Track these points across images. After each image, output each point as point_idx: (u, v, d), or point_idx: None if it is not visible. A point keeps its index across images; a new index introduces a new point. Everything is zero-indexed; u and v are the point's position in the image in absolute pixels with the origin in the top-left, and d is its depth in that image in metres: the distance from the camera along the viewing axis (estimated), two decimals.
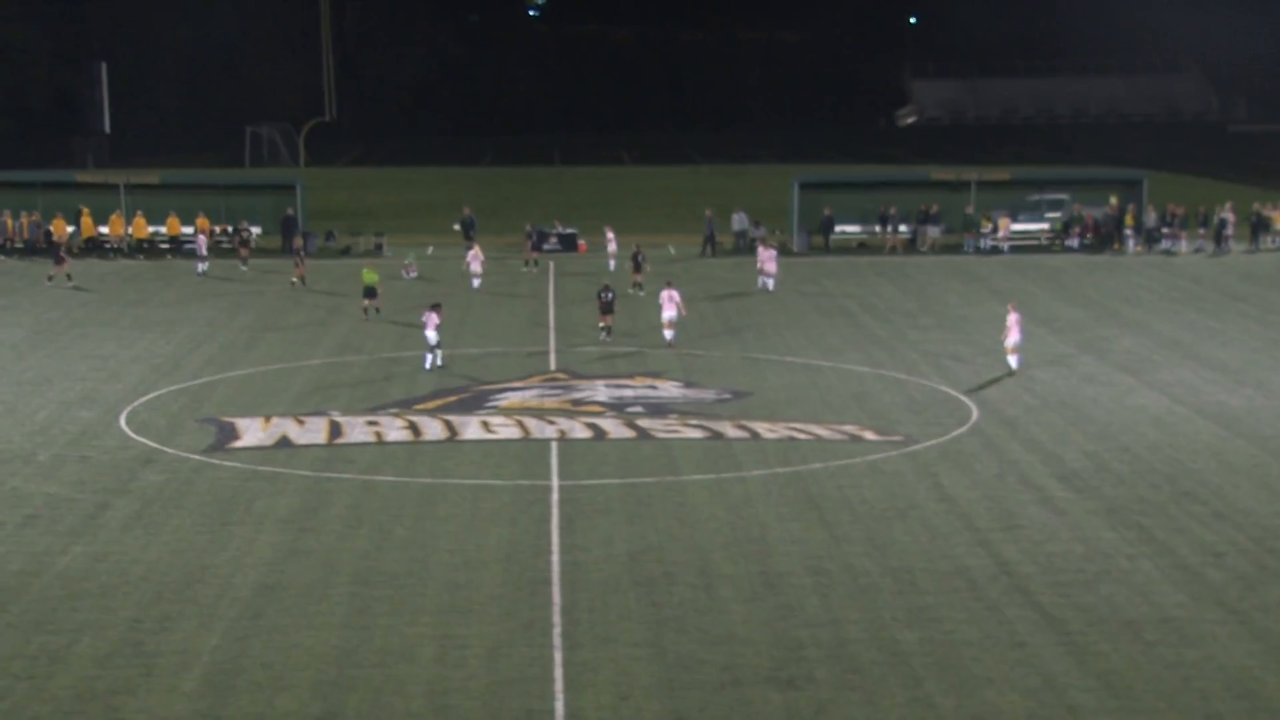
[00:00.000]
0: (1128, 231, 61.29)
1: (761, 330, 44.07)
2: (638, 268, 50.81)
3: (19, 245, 60.16)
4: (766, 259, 52.03)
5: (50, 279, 52.22)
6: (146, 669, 19.76)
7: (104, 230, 61.47)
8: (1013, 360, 38.04)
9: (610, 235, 57.76)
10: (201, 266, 56.11)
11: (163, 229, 61.45)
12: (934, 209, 62.34)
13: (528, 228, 59.74)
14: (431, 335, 38.31)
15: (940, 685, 19.28)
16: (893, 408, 34.28)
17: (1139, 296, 50.28)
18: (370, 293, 46.51)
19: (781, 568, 23.46)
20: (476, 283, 52.55)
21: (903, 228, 61.97)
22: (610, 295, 42.60)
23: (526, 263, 57.32)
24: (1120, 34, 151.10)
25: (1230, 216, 60.80)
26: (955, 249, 61.31)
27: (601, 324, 42.59)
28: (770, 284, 51.48)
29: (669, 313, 41.50)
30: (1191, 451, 30.43)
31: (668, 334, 41.57)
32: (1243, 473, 28.94)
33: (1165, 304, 48.75)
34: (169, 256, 59.90)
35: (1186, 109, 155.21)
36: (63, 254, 53.86)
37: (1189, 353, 40.55)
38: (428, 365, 38.40)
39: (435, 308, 38.94)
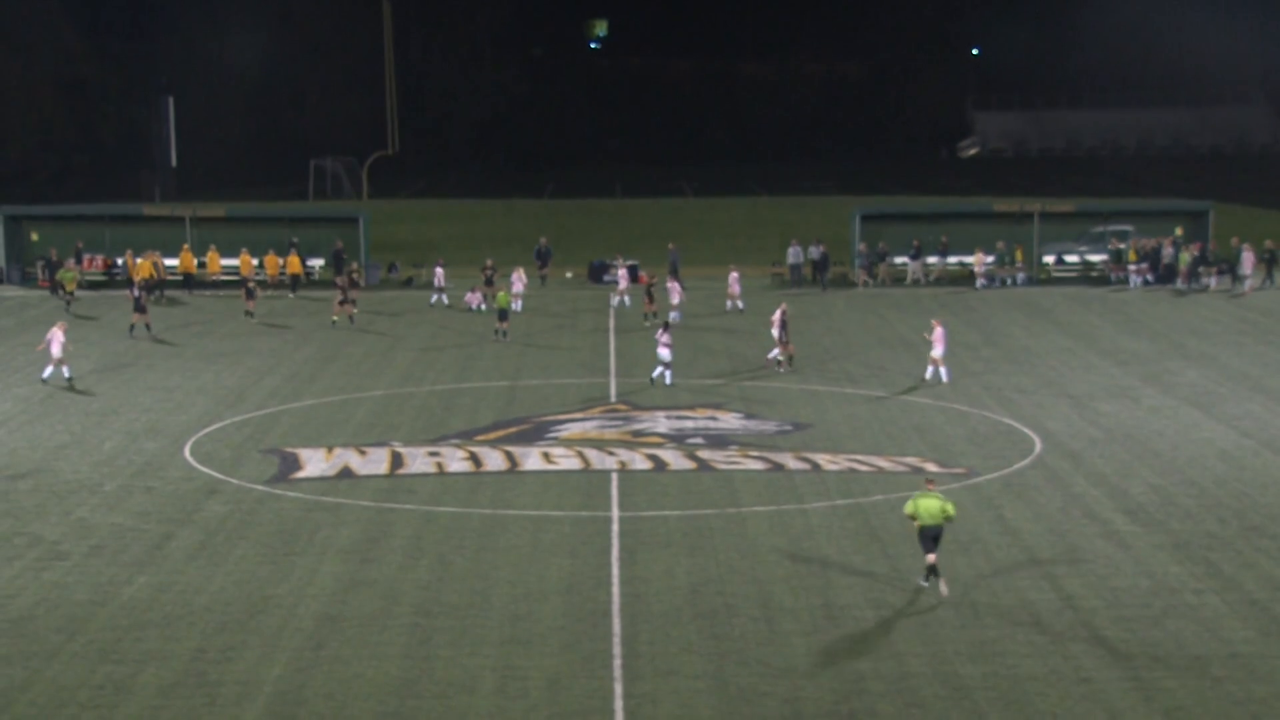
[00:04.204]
0: (1131, 267, 60.24)
1: (822, 362, 43.91)
2: (650, 299, 51.50)
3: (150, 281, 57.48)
4: (733, 281, 54.52)
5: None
6: (210, 699, 19.88)
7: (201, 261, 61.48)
8: (941, 371, 39.90)
9: (623, 274, 57.75)
10: (444, 299, 55.77)
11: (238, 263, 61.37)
12: (943, 240, 62.35)
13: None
14: (665, 353, 39.96)
15: None
16: (955, 440, 34.06)
17: (1204, 329, 49.75)
18: (503, 315, 47.84)
19: (843, 600, 23.33)
20: (518, 304, 52.92)
21: (899, 259, 62.27)
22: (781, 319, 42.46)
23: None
24: (1187, 64, 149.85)
25: (1248, 254, 59.29)
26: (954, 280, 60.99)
27: (781, 354, 42.49)
28: (739, 305, 53.91)
29: (776, 330, 42.65)
30: (1260, 485, 30.04)
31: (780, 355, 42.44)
32: None
33: (1231, 336, 48.21)
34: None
35: (1254, 140, 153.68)
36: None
37: (1257, 386, 40.07)
38: (654, 375, 40.16)
39: (666, 327, 40.79)
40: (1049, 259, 63.16)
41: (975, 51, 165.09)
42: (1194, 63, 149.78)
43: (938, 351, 40.27)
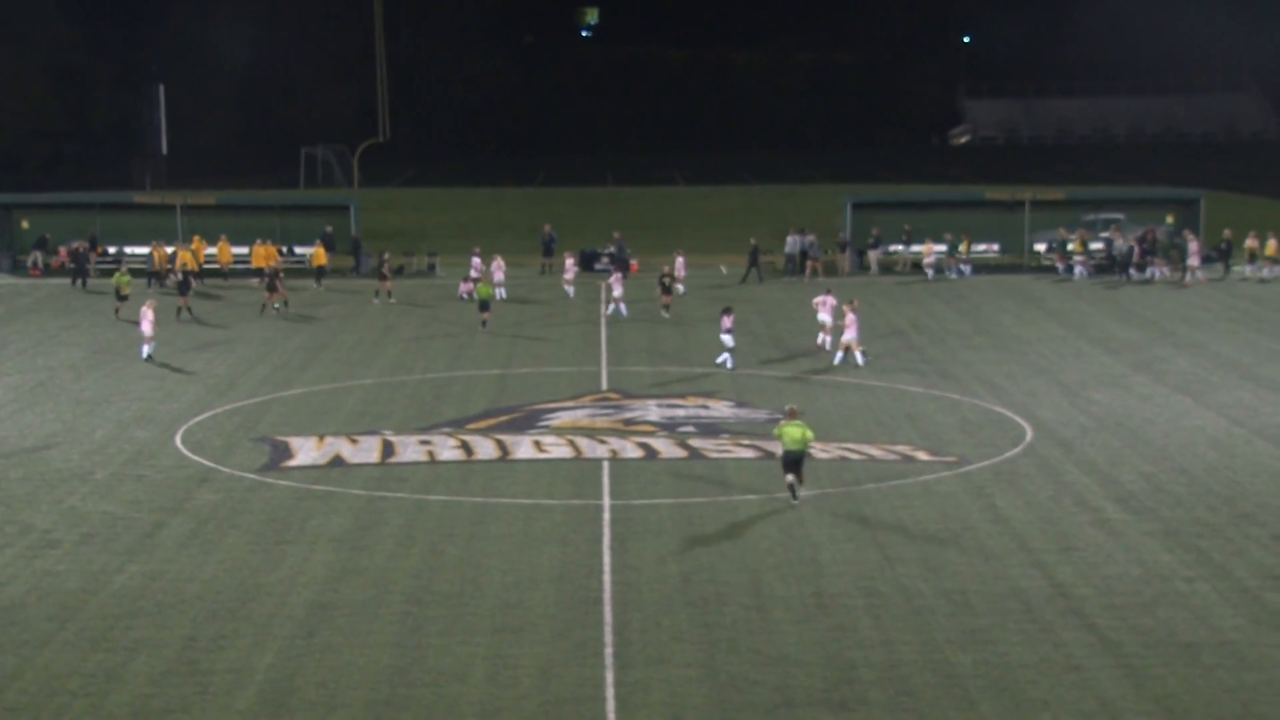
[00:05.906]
0: (1077, 257, 59.80)
1: (814, 350, 43.86)
2: (665, 290, 50.58)
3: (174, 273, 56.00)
4: (679, 265, 55.89)
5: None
6: (201, 687, 19.87)
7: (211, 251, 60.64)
8: (856, 355, 40.49)
9: (570, 263, 56.85)
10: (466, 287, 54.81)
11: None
12: (906, 229, 62.20)
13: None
14: (728, 339, 40.68)
15: (995, 708, 19.13)
16: (946, 428, 34.09)
17: (1195, 317, 49.83)
18: (485, 306, 47.72)
19: (834, 589, 23.36)
20: (501, 293, 52.97)
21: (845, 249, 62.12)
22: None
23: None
24: (1178, 53, 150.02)
25: (1194, 245, 58.25)
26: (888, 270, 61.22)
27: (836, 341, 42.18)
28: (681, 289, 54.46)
29: (824, 315, 43.01)
30: (1250, 473, 30.09)
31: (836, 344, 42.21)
32: None
33: (1223, 325, 48.28)
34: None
35: (1245, 128, 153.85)
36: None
37: (1247, 374, 40.14)
38: (719, 361, 40.86)
39: (728, 311, 41.16)
40: (1040, 247, 63.09)
41: (967, 39, 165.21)
42: (1185, 51, 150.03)
43: (849, 335, 40.72)
